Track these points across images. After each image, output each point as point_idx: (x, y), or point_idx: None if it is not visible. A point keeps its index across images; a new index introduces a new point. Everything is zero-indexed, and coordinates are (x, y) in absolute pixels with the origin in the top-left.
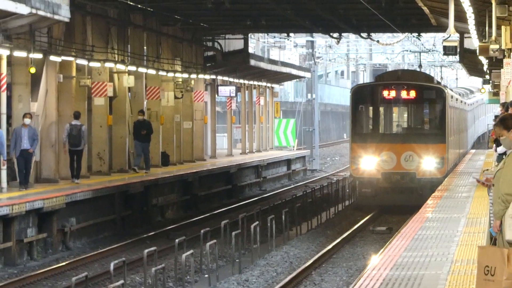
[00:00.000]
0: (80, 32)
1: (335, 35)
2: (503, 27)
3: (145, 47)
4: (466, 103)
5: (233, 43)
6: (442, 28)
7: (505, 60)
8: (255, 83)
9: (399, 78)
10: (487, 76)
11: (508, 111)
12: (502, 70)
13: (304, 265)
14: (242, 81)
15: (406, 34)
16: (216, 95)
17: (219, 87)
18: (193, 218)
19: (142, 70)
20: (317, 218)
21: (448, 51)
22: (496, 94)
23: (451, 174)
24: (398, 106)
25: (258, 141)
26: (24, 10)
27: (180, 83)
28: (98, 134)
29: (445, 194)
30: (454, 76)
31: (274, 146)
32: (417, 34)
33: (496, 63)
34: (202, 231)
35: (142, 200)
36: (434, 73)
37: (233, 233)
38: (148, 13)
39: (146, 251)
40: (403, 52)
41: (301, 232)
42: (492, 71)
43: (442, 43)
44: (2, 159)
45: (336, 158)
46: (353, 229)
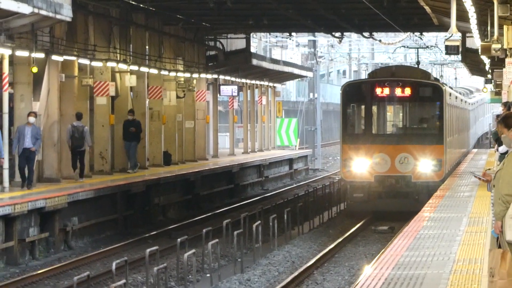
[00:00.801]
0: (82, 32)
1: (337, 34)
2: (505, 27)
3: (147, 47)
4: (468, 103)
5: (235, 43)
6: (444, 27)
7: (507, 60)
8: (257, 82)
9: (393, 74)
10: (489, 76)
11: (510, 110)
12: (504, 70)
13: (306, 264)
14: (244, 80)
15: (408, 33)
16: (218, 95)
17: (221, 87)
18: (195, 218)
19: (144, 69)
20: (319, 218)
21: (450, 50)
22: (498, 93)
23: (450, 177)
24: (392, 105)
25: (260, 140)
26: (26, 9)
27: (182, 82)
28: (100, 133)
29: (447, 193)
30: (455, 76)
31: (276, 145)
32: (419, 34)
33: (498, 63)
34: (204, 230)
35: (144, 199)
36: (436, 72)
37: (235, 232)
38: (150, 12)
39: (148, 250)
40: (405, 52)
41: (303, 232)
42: (494, 70)
43: (444, 42)
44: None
45: (338, 158)
46: (355, 228)
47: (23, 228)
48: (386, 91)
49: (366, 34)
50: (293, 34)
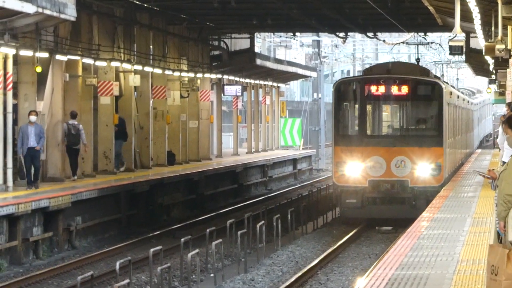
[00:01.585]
0: (86, 31)
1: (341, 34)
2: (509, 27)
3: (151, 46)
4: (472, 103)
5: (239, 43)
6: (448, 27)
7: (511, 60)
8: (261, 82)
9: (390, 71)
10: (493, 76)
11: None
12: (508, 70)
13: (310, 264)
14: (248, 80)
15: (412, 33)
16: (222, 94)
17: (225, 86)
18: (198, 218)
19: (148, 69)
20: (322, 218)
21: (454, 51)
22: (502, 94)
23: (454, 177)
24: (388, 104)
25: (264, 140)
26: (30, 9)
27: (186, 82)
28: (104, 133)
29: (450, 193)
30: (459, 76)
31: (280, 145)
32: (423, 34)
33: (502, 63)
34: (208, 230)
35: (148, 199)
36: (440, 72)
37: (238, 232)
38: (154, 12)
39: (152, 250)
40: (409, 52)
41: (306, 232)
42: (498, 71)
43: (448, 43)
44: None
45: None
46: (358, 228)
47: (27, 227)
48: (382, 89)
49: (370, 34)
50: (297, 34)
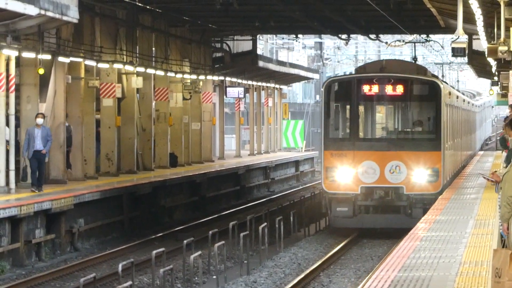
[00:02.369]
0: (89, 33)
1: (344, 36)
2: (511, 29)
3: (153, 48)
4: (474, 105)
5: (241, 44)
6: (451, 29)
7: None
8: (264, 84)
9: (383, 69)
10: (496, 78)
11: None
12: (511, 72)
13: (312, 266)
14: (250, 82)
15: (415, 35)
16: (225, 96)
17: (228, 88)
18: (201, 219)
19: (150, 71)
20: (325, 220)
21: (456, 52)
22: (505, 95)
23: (456, 179)
24: (382, 105)
25: (266, 142)
26: (32, 11)
27: (189, 84)
28: (106, 135)
29: (453, 196)
30: (461, 79)
31: (282, 147)
32: (425, 36)
33: (505, 65)
34: (210, 232)
35: (150, 201)
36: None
37: (241, 234)
38: (157, 14)
39: (154, 252)
40: (412, 53)
41: (309, 234)
42: (501, 72)
43: (451, 44)
44: None
45: None
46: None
47: (29, 229)
48: (375, 88)
49: (373, 36)
50: (299, 36)
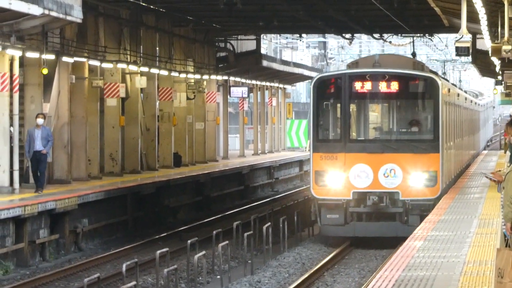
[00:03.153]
0: (93, 33)
1: (348, 35)
2: None
3: (157, 48)
4: (478, 104)
5: (245, 44)
6: (454, 29)
7: None
8: (267, 84)
9: (377, 65)
10: (500, 77)
11: None
12: None
13: (316, 266)
14: (254, 82)
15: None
16: (228, 96)
17: (231, 88)
18: (205, 219)
19: (154, 71)
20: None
21: (460, 52)
22: (509, 95)
23: (460, 178)
24: (376, 103)
25: (270, 142)
26: (36, 11)
27: (192, 84)
28: (110, 135)
29: (456, 195)
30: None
31: (286, 147)
32: (429, 35)
33: (509, 64)
34: (214, 232)
35: (154, 201)
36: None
37: (245, 234)
38: (161, 14)
39: (158, 252)
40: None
41: (313, 233)
42: (505, 72)
43: (455, 44)
44: None
45: None
46: None
47: (34, 229)
48: (368, 86)
49: (377, 36)
50: (303, 35)
